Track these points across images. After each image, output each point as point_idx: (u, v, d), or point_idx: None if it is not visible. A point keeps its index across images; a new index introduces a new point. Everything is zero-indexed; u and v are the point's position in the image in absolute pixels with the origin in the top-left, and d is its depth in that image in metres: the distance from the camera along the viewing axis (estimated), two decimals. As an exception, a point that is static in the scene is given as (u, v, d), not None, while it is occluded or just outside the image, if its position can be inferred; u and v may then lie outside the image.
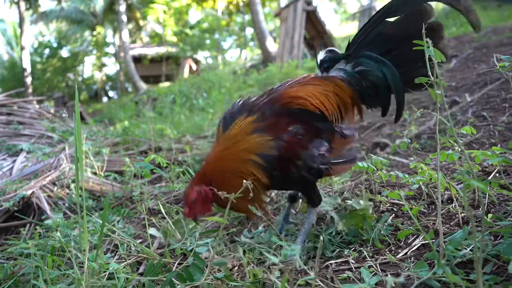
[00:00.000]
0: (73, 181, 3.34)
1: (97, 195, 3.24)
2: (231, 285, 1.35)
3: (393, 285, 1.08)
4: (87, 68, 37.46)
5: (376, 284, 1.23)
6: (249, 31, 28.13)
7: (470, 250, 1.29)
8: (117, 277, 1.41)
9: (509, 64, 1.79)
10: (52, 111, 6.66)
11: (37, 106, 6.64)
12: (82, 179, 1.44)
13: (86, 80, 35.54)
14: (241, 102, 1.65)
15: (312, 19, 13.97)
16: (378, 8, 1.77)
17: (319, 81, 1.61)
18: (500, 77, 3.70)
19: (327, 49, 1.78)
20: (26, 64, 18.78)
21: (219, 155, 1.52)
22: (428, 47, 1.29)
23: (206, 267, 1.43)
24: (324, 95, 1.55)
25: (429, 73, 1.27)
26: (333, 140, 1.56)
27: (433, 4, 1.55)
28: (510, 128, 2.64)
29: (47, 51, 32.14)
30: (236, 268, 1.55)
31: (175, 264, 1.64)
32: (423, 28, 1.31)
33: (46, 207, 2.81)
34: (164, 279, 1.40)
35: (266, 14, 25.66)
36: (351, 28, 28.22)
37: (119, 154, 4.61)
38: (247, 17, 23.65)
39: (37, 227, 2.50)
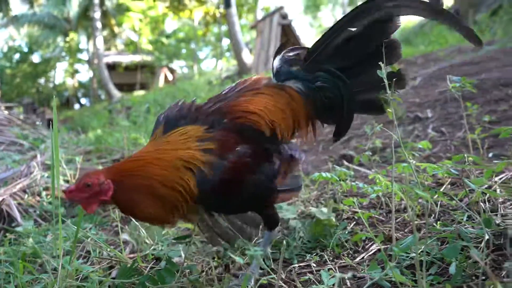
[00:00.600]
0: (44, 189, 3.33)
1: (69, 203, 3.25)
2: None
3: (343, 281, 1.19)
4: (59, 74, 36.68)
5: (333, 285, 1.34)
6: (226, 42, 28.37)
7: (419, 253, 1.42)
8: (91, 280, 1.47)
9: (460, 85, 1.98)
10: (21, 117, 6.57)
11: (6, 112, 6.53)
12: (58, 186, 1.49)
13: (57, 86, 34.84)
14: (185, 104, 1.50)
15: (287, 33, 14.31)
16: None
17: (273, 92, 1.47)
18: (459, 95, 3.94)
19: (284, 52, 1.60)
20: (-5, 69, 18.30)
21: (148, 156, 1.30)
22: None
23: (178, 271, 1.51)
24: (279, 110, 1.42)
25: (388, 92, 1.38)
26: (280, 163, 1.42)
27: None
28: (464, 143, 2.84)
29: (17, 56, 31.39)
30: (204, 272, 1.63)
31: (147, 268, 1.70)
32: (383, 46, 1.33)
33: (17, 215, 2.81)
34: (137, 281, 1.47)
35: (243, 26, 25.96)
36: (325, 42, 28.83)
37: (91, 163, 4.60)
38: (224, 27, 23.87)
39: (7, 234, 2.50)
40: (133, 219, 2.04)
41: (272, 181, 1.38)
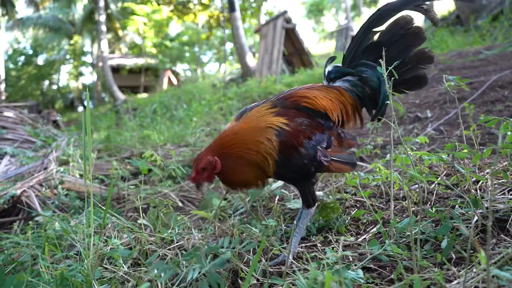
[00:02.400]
0: (60, 182, 3.50)
1: (86, 196, 3.41)
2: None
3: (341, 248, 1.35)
4: (63, 76, 37.04)
5: (337, 260, 1.50)
6: (229, 45, 28.58)
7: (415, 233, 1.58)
8: (118, 251, 1.63)
9: (455, 84, 2.14)
10: (32, 116, 6.75)
11: (17, 111, 6.71)
12: (91, 168, 1.65)
13: (61, 89, 35.13)
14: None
15: (291, 37, 14.49)
16: (354, 28, 2.03)
17: (324, 88, 1.79)
18: (457, 97, 4.10)
19: (331, 61, 2.00)
20: (0, 71, 18.52)
21: (238, 129, 1.61)
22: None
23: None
24: (328, 99, 1.73)
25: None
26: (332, 137, 1.67)
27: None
28: (461, 141, 3.00)
29: (22, 58, 31.68)
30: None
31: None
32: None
33: (37, 205, 2.97)
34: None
35: (246, 30, 26.18)
36: (329, 46, 29.09)
37: (102, 160, 4.77)
38: (228, 31, 24.09)
39: (30, 222, 2.67)
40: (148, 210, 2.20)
41: (325, 149, 1.64)
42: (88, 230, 1.68)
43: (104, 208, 1.73)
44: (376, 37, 1.83)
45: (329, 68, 1.96)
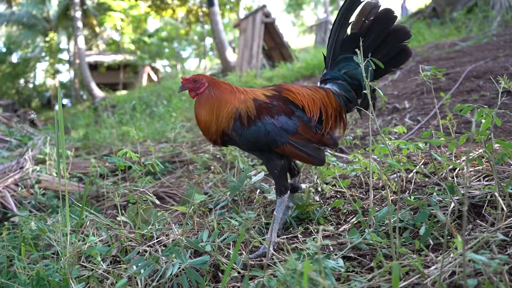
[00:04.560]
0: (37, 182, 3.42)
1: (63, 195, 3.34)
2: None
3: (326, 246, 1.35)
4: (39, 74, 36.08)
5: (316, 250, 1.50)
6: (209, 41, 28.38)
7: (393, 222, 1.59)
8: (96, 248, 1.59)
9: (431, 73, 2.17)
10: (7, 115, 6.57)
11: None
12: (64, 165, 1.61)
13: (38, 87, 34.27)
14: None
15: (271, 31, 14.47)
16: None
17: (314, 88, 1.86)
18: (434, 88, 4.17)
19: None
20: (-27, 69, 17.94)
21: (233, 86, 1.79)
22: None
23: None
24: (312, 98, 1.79)
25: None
26: (300, 126, 1.72)
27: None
28: (438, 130, 3.05)
29: (-5, 56, 30.74)
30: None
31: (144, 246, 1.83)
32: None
33: (13, 205, 2.89)
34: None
35: (226, 25, 26.06)
36: (309, 40, 29.19)
37: (81, 158, 4.68)
38: (207, 26, 23.90)
39: (6, 223, 2.59)
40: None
41: (285, 131, 1.70)
42: (65, 229, 1.64)
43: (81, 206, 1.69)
44: (349, 29, 1.86)
45: (325, 71, 2.01)
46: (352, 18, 1.86)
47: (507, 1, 10.28)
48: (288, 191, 1.77)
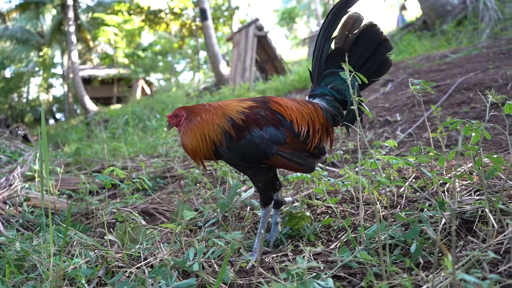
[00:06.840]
0: (26, 199, 3.36)
1: (51, 213, 3.28)
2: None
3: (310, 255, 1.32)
4: (33, 89, 35.96)
5: (309, 269, 1.47)
6: (202, 54, 28.51)
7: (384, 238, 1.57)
8: (80, 271, 1.55)
9: (420, 87, 2.17)
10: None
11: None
12: (47, 183, 1.57)
13: (31, 101, 34.14)
14: None
15: (264, 44, 14.56)
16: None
17: (303, 102, 1.85)
18: (425, 100, 4.18)
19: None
20: (-34, 84, 17.87)
21: (213, 104, 1.81)
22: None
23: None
24: (300, 112, 1.78)
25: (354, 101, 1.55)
26: (288, 136, 1.72)
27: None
28: (429, 144, 3.04)
29: (-12, 71, 30.65)
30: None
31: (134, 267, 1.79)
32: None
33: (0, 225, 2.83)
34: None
35: (219, 38, 26.21)
36: (302, 53, 29.40)
37: (71, 174, 4.62)
38: (200, 40, 24.03)
39: (-9, 243, 2.53)
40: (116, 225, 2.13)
41: (275, 142, 1.70)
42: (49, 250, 1.60)
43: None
44: (333, 44, 1.85)
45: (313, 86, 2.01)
46: (335, 33, 1.84)
47: (496, 13, 10.43)
48: (273, 202, 1.81)
